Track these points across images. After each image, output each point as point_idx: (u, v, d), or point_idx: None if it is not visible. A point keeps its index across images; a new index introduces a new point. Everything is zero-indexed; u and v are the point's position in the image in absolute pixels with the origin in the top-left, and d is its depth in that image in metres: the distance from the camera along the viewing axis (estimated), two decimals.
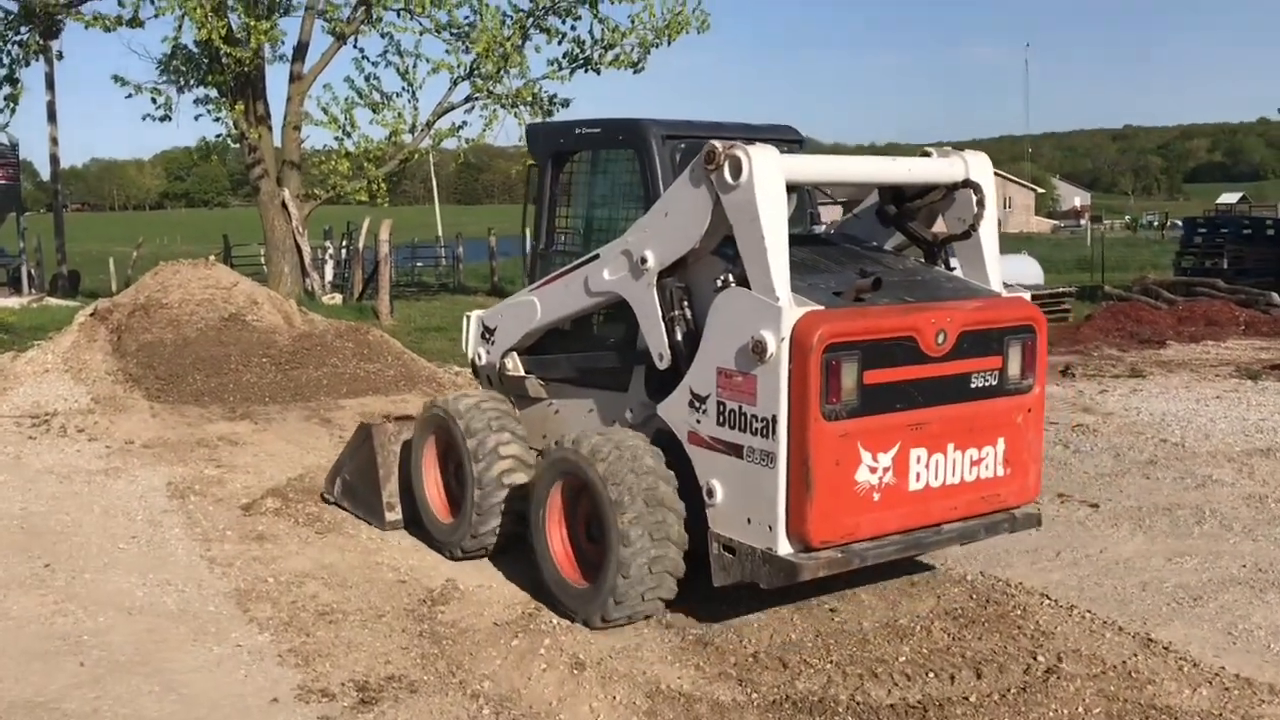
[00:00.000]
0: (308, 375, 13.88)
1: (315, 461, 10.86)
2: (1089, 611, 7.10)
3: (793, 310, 5.82)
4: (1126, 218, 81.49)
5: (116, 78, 25.24)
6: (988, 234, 6.81)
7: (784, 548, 5.95)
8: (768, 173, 5.97)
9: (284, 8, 26.07)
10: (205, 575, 7.75)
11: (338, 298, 27.10)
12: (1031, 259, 25.01)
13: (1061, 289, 22.08)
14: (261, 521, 8.95)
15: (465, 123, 28.90)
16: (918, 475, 6.18)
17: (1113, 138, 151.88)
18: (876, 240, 7.30)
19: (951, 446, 6.28)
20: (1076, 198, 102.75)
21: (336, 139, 27.15)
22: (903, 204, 7.05)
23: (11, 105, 24.87)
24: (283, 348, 14.41)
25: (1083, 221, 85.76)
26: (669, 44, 27.32)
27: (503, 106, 27.87)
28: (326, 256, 31.25)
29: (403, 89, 27.97)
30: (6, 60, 24.74)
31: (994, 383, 6.42)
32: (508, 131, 64.97)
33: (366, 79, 27.52)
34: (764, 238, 5.90)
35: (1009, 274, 23.59)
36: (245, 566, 7.93)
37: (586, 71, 28.20)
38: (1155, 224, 77.15)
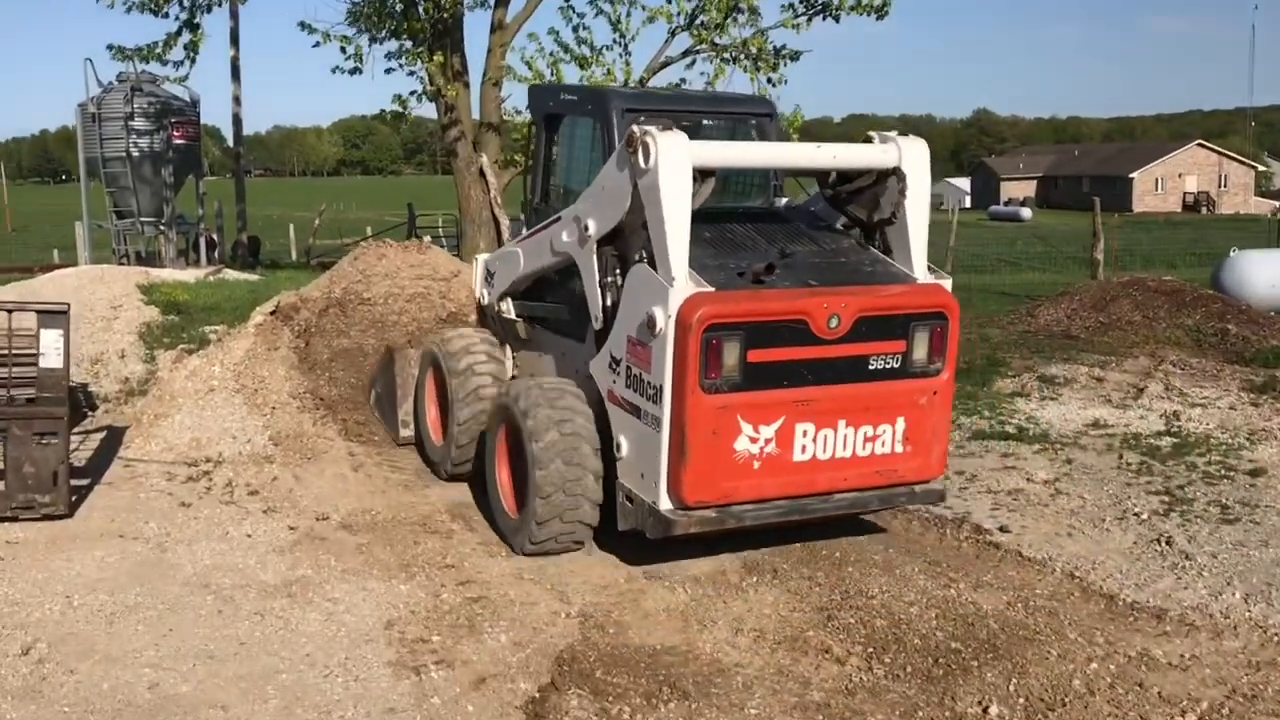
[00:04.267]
0: None
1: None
2: None
3: (681, 291, 5.98)
4: None
5: (303, 24, 21.39)
6: (915, 221, 6.68)
7: (664, 504, 6.17)
8: (673, 159, 6.05)
9: None
10: None
11: None
12: None
13: None
14: None
15: (684, 80, 24.17)
16: (803, 447, 6.23)
17: None
18: (828, 218, 7.21)
19: (843, 423, 6.30)
20: None
21: None
22: (838, 187, 6.98)
23: (191, 55, 21.22)
24: None
25: None
26: None
27: (725, 60, 23.07)
28: (524, 231, 27.19)
29: (614, 41, 23.39)
30: (188, 3, 21.15)
31: (896, 365, 6.38)
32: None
33: (574, 30, 23.11)
34: (665, 220, 6.05)
35: None
36: None
37: (825, 19, 23.17)
38: None
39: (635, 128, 6.17)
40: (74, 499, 7.56)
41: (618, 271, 6.66)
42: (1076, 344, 15.10)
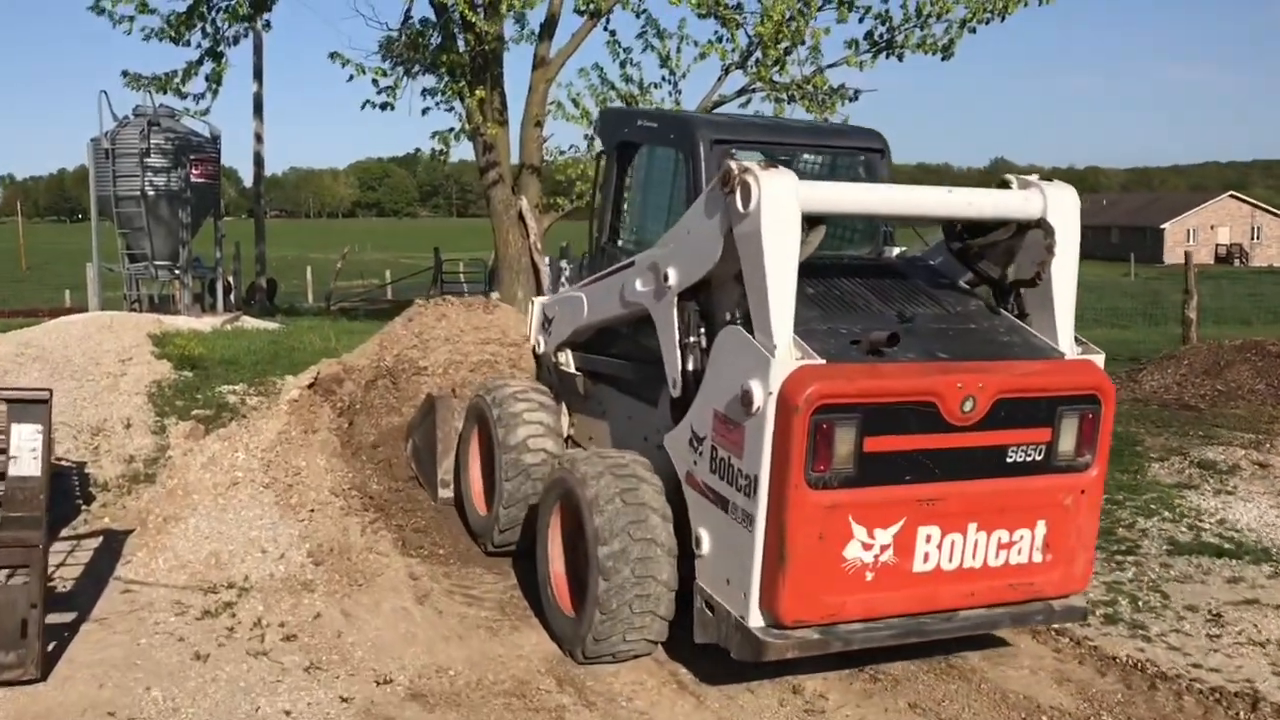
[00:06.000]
0: None
1: None
2: None
3: (786, 363, 4.88)
4: None
5: (335, 55, 19.59)
6: (1061, 283, 5.53)
7: (755, 620, 5.05)
8: (779, 203, 4.99)
9: None
10: None
11: None
12: None
13: None
14: None
15: None
16: (926, 555, 5.12)
17: None
18: (951, 273, 6.02)
19: (974, 527, 5.19)
20: None
21: (587, 137, 20.92)
22: (969, 239, 5.82)
23: (214, 86, 19.40)
24: None
25: None
26: (1002, 20, 20.34)
27: (779, 99, 21.19)
28: (563, 279, 25.17)
29: (663, 78, 21.55)
30: (210, 31, 19.34)
31: (1038, 458, 5.27)
32: None
33: (622, 65, 21.28)
34: (766, 276, 4.98)
35: None
36: None
37: (888, 56, 21.32)
38: None
39: (733, 164, 5.10)
40: (51, 648, 5.54)
41: (702, 331, 5.62)
42: (1201, 416, 13.08)
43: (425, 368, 8.61)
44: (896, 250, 6.64)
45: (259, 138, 27.43)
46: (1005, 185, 5.69)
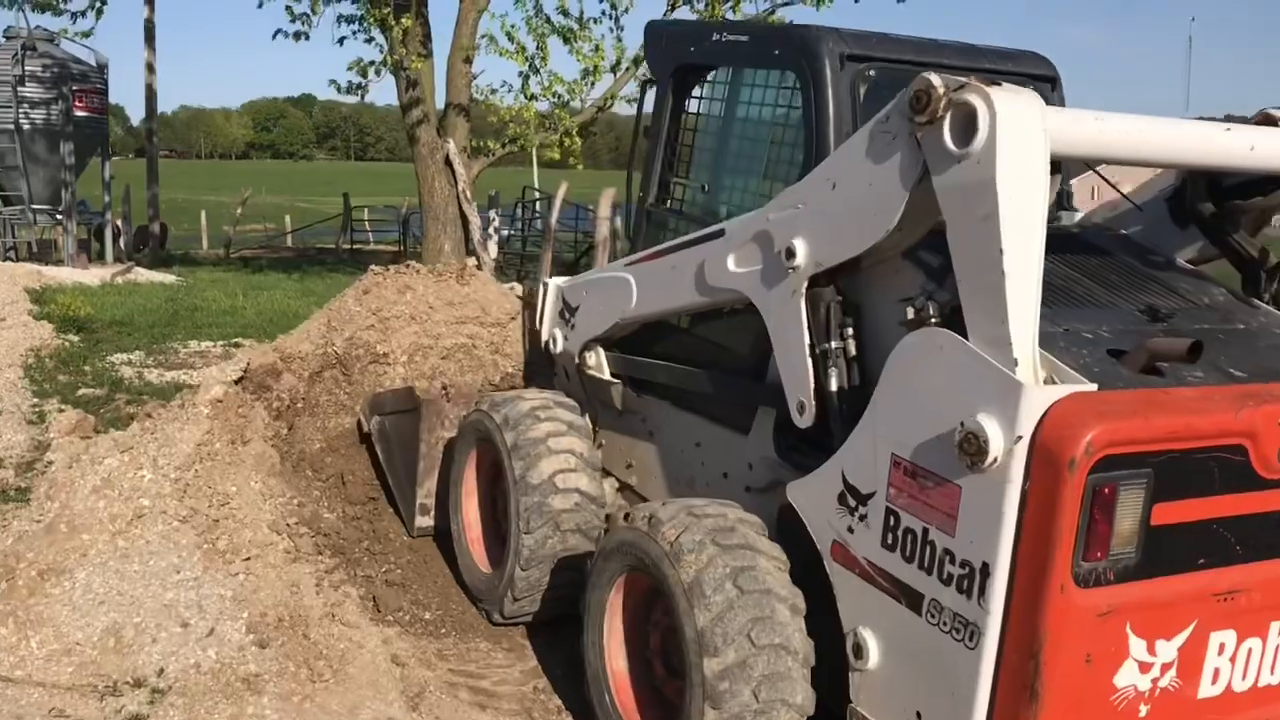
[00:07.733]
0: None
1: None
2: None
3: (1043, 389, 3.10)
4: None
5: None
6: None
7: None
8: (1024, 140, 3.17)
9: None
10: None
11: (517, 287, 18.87)
12: None
13: None
14: None
15: None
16: (1215, 673, 3.50)
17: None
18: (1162, 244, 4.40)
19: (1277, 627, 3.57)
20: None
21: (521, 74, 18.96)
22: (1224, 200, 4.20)
23: (98, 6, 16.71)
24: None
25: None
26: None
27: None
28: (491, 230, 22.78)
29: (604, 12, 19.72)
30: None
31: None
32: None
33: None
34: (1003, 254, 3.10)
35: None
36: None
37: None
38: None
39: (934, 78, 3.31)
40: None
41: (849, 333, 3.91)
42: None
43: (385, 354, 6.60)
44: (1074, 215, 4.94)
45: (151, 68, 24.48)
46: (1270, 121, 4.02)
